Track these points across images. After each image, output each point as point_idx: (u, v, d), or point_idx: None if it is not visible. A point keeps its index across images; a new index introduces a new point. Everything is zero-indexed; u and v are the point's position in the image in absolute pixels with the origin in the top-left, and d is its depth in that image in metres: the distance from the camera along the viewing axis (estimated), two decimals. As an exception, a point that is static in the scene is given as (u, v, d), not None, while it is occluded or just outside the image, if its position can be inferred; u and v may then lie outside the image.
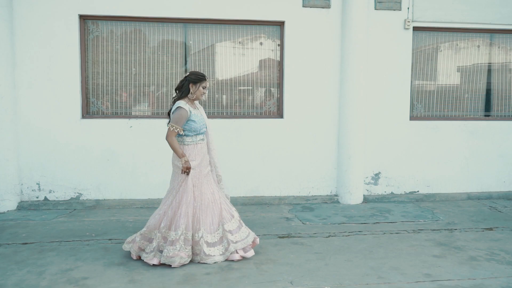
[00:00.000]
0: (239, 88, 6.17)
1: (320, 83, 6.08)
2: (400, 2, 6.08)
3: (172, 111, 3.90)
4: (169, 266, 3.75)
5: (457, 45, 6.52)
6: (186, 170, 3.82)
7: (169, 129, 3.82)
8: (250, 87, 6.19)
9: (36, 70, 5.56)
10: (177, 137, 3.91)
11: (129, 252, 4.06)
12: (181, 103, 3.87)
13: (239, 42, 6.08)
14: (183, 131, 3.87)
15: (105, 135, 5.75)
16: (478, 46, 6.55)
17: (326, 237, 4.62)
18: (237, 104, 6.18)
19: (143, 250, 3.89)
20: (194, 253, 3.85)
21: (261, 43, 6.13)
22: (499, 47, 6.60)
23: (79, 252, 4.08)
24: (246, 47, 6.11)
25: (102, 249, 4.17)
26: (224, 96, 6.15)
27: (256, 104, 6.21)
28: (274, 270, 3.72)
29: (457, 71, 6.58)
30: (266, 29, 6.08)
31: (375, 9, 6.05)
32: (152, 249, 3.82)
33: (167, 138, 3.82)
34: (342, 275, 3.64)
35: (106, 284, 3.41)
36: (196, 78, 3.92)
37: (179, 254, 3.72)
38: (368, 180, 6.26)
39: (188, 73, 3.96)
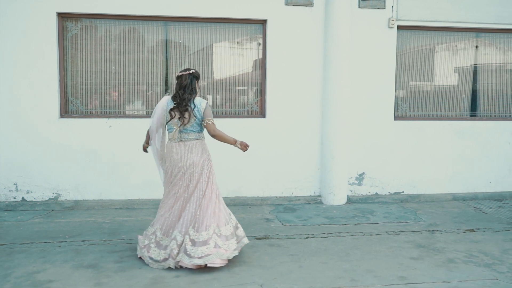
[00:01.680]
0: (221, 87, 6.08)
1: (303, 82, 6.00)
2: (384, 1, 6.00)
3: (204, 108, 3.79)
4: (140, 269, 3.68)
5: (442, 44, 6.44)
6: (247, 147, 3.88)
7: (212, 123, 3.78)
8: (232, 86, 6.10)
9: (13, 68, 5.47)
10: (197, 132, 3.84)
11: (100, 255, 3.99)
12: (205, 100, 3.92)
13: (221, 41, 5.99)
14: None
15: (84, 135, 5.66)
16: (464, 45, 6.48)
17: (304, 238, 4.54)
18: (219, 103, 6.09)
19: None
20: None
21: (243, 42, 6.05)
22: (485, 46, 6.53)
23: (49, 254, 3.99)
24: (228, 46, 6.03)
25: (73, 251, 4.08)
26: (205, 96, 6.06)
27: (239, 104, 6.13)
28: (246, 272, 3.63)
29: (443, 71, 6.50)
30: (248, 27, 6.00)
31: (359, 7, 5.97)
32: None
33: (215, 132, 3.78)
34: (314, 278, 3.56)
35: (70, 287, 3.32)
36: (199, 76, 3.95)
37: (214, 250, 3.60)
38: (352, 180, 6.19)
39: (193, 70, 3.86)
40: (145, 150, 4.19)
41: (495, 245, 4.36)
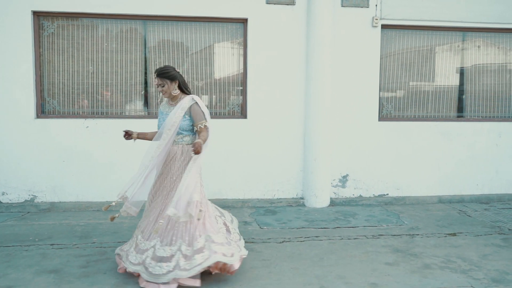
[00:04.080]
0: (202, 87, 5.97)
1: (285, 83, 5.88)
2: (368, -1, 5.89)
3: None
4: (104, 274, 3.58)
5: (428, 44, 6.32)
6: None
7: None
8: (213, 86, 5.99)
9: (-13, 68, 5.37)
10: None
11: (66, 259, 3.88)
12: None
13: (201, 40, 5.87)
14: None
15: (61, 136, 5.55)
16: (451, 45, 6.36)
17: (280, 242, 4.42)
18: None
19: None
20: None
21: (223, 42, 5.93)
22: (471, 46, 6.40)
23: (14, 259, 3.88)
24: (208, 45, 5.91)
25: (40, 255, 3.97)
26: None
27: (219, 104, 6.02)
28: (212, 279, 3.51)
29: (429, 71, 6.38)
30: (228, 26, 5.88)
31: (342, 6, 5.85)
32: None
33: None
34: (283, 284, 3.44)
35: (28, 293, 3.22)
36: None
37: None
38: (335, 182, 6.07)
39: None
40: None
41: (475, 250, 4.24)
